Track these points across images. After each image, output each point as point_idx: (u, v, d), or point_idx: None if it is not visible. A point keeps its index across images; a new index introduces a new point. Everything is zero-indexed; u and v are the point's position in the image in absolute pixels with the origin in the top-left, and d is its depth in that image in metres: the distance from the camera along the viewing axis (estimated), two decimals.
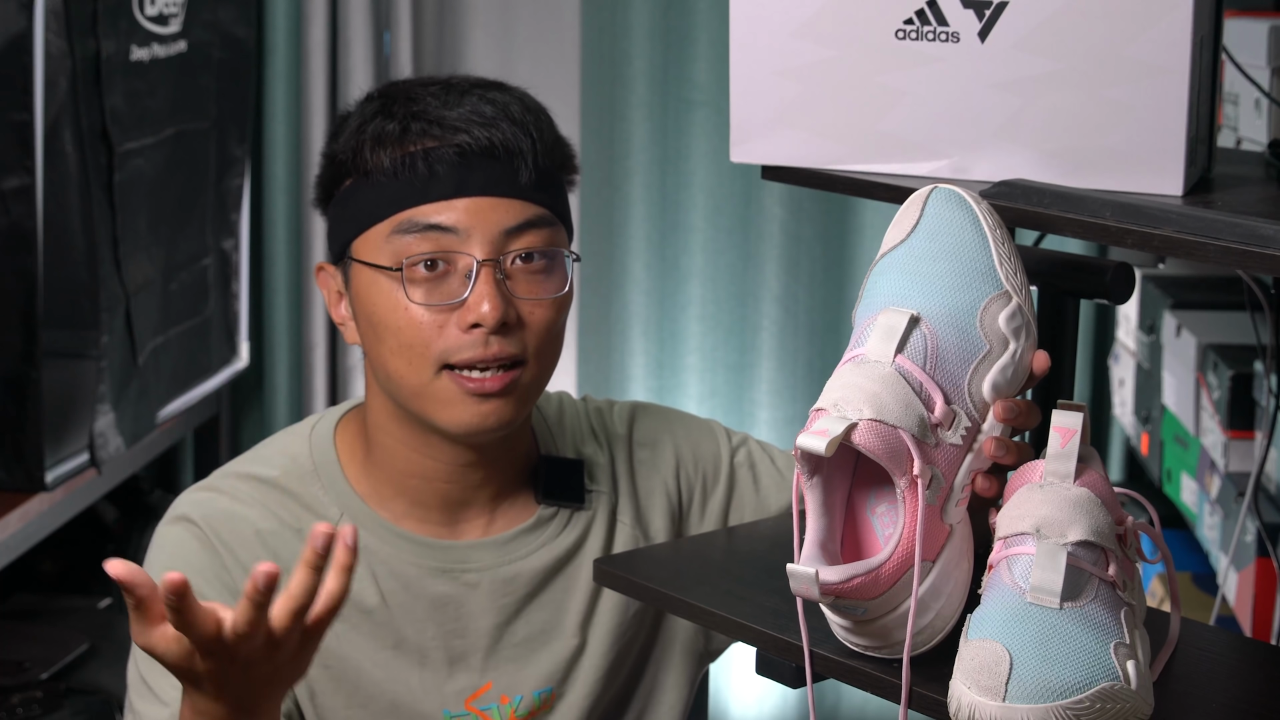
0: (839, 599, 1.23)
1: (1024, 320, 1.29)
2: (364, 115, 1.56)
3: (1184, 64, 1.27)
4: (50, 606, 2.75)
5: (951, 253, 1.29)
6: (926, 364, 1.25)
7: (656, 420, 1.72)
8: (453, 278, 1.51)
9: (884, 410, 1.22)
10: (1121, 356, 2.92)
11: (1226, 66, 1.81)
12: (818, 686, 1.31)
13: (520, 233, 1.53)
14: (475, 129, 1.52)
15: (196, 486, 1.62)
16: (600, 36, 3.22)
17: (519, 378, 1.52)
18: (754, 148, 1.43)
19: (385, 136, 1.53)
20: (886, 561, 1.23)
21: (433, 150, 1.51)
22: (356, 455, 1.61)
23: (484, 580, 1.60)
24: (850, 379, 1.24)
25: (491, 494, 1.61)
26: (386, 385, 1.55)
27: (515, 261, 1.52)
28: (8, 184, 2.25)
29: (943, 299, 1.28)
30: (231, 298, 2.98)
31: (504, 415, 1.53)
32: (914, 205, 1.32)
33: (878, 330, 1.26)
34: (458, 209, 1.51)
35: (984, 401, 1.27)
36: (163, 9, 2.58)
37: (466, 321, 1.50)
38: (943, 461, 1.24)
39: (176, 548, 1.57)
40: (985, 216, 1.30)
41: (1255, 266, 1.18)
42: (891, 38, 1.35)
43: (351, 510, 1.59)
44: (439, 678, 1.60)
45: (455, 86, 1.56)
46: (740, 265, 3.26)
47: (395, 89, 1.57)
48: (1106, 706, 1.13)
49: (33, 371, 2.29)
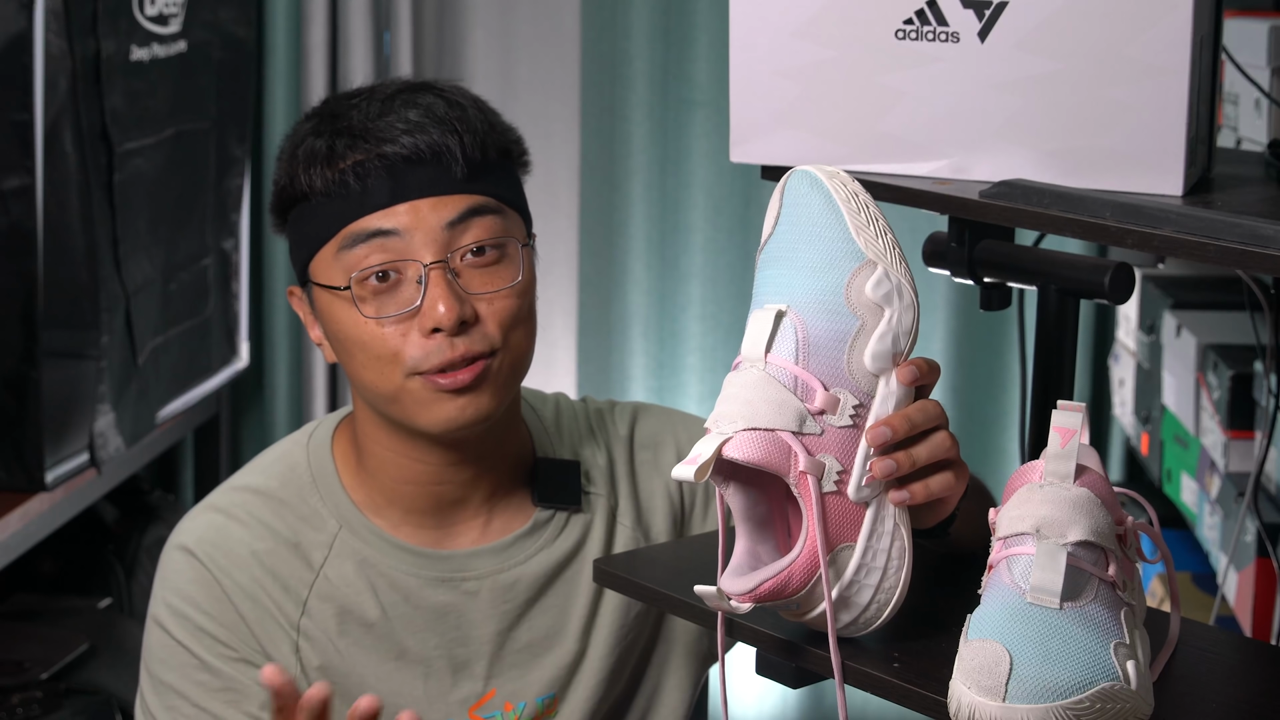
0: (762, 602, 1.26)
1: (893, 284, 1.28)
2: (297, 138, 1.55)
3: (1184, 64, 1.27)
4: (50, 606, 2.75)
5: (810, 236, 1.30)
6: (799, 355, 1.26)
7: (659, 421, 1.72)
8: (405, 285, 1.50)
9: (756, 417, 1.24)
10: (1121, 356, 2.92)
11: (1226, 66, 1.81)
12: (817, 687, 1.31)
13: (463, 224, 1.51)
14: (401, 137, 1.50)
15: (200, 506, 1.63)
16: (600, 36, 3.22)
17: (490, 366, 1.51)
18: (754, 148, 1.43)
19: (315, 156, 1.52)
20: (796, 560, 1.25)
21: (361, 164, 1.50)
22: (351, 464, 1.61)
23: (484, 588, 1.60)
24: (728, 390, 1.27)
25: (485, 495, 1.61)
26: (365, 395, 1.55)
27: (464, 258, 1.52)
28: (8, 184, 2.25)
29: (808, 284, 1.29)
30: (231, 298, 2.98)
31: (481, 407, 1.52)
32: (775, 195, 1.33)
33: (749, 332, 1.28)
34: (396, 214, 1.50)
35: (869, 374, 1.27)
36: (163, 9, 2.58)
37: (425, 327, 1.49)
38: (835, 446, 1.26)
39: (177, 578, 1.60)
40: (837, 190, 1.30)
41: (1255, 266, 1.18)
42: (891, 38, 1.35)
43: (349, 521, 1.59)
44: (443, 687, 1.59)
45: (380, 95, 1.54)
46: (740, 265, 3.26)
47: (327, 106, 1.57)
48: (1106, 706, 1.13)
49: (33, 371, 2.29)
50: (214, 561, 1.58)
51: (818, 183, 1.30)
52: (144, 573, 2.86)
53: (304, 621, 1.57)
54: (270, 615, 1.57)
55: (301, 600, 1.57)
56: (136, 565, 2.86)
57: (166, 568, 1.60)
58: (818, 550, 1.25)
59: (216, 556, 1.58)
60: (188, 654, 1.56)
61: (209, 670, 1.56)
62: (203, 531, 1.60)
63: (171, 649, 1.57)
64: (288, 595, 1.57)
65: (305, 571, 1.58)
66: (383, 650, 1.58)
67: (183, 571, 1.59)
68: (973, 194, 1.33)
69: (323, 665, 1.57)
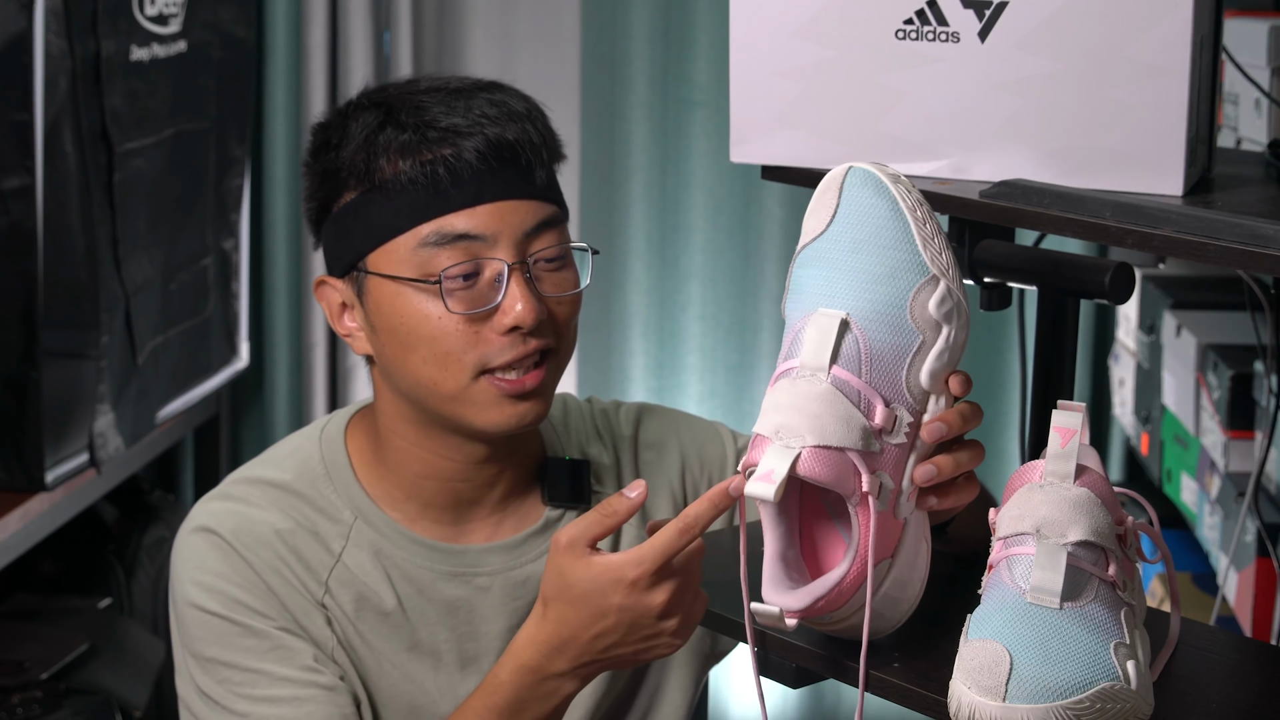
0: (808, 618, 1.25)
1: (955, 301, 1.27)
2: (367, 126, 1.53)
3: (1184, 64, 1.27)
4: (50, 606, 2.75)
5: (873, 242, 1.27)
6: (862, 370, 1.24)
7: (662, 422, 1.72)
8: (482, 283, 1.52)
9: (826, 434, 1.21)
10: (1121, 356, 2.92)
11: (1226, 66, 1.81)
12: (817, 687, 1.31)
13: (538, 234, 1.53)
14: (488, 129, 1.51)
15: (210, 496, 1.61)
16: (600, 36, 3.22)
17: (549, 370, 1.54)
18: (754, 148, 1.43)
19: (400, 146, 1.51)
20: (845, 576, 1.24)
21: (449, 157, 1.51)
22: (366, 457, 1.62)
23: (495, 584, 1.61)
24: (788, 399, 1.23)
25: (501, 494, 1.62)
26: (414, 391, 1.55)
27: (540, 262, 1.53)
28: (8, 184, 2.25)
29: (870, 294, 1.26)
30: (231, 298, 2.98)
31: (539, 411, 1.55)
32: (830, 190, 1.29)
33: (809, 339, 1.25)
34: (481, 215, 1.51)
35: (923, 392, 1.26)
36: (163, 9, 2.58)
37: (504, 325, 1.51)
38: (889, 464, 1.24)
39: (202, 558, 1.57)
40: (904, 197, 1.27)
41: (1255, 266, 1.18)
42: (891, 38, 1.35)
43: (364, 513, 1.60)
44: (452, 680, 1.60)
45: (456, 90, 1.55)
46: (740, 265, 3.26)
47: (392, 98, 1.55)
48: (1106, 706, 1.13)
49: (33, 371, 2.29)
50: (237, 539, 1.56)
51: (883, 187, 1.27)
52: (144, 573, 2.86)
53: (326, 599, 1.57)
54: (297, 591, 1.56)
55: (323, 581, 1.57)
56: (136, 565, 2.86)
57: (186, 551, 1.58)
58: (867, 567, 1.23)
59: (240, 534, 1.56)
60: (228, 624, 1.54)
61: (254, 634, 1.54)
62: (221, 515, 1.58)
63: (210, 624, 1.54)
64: (310, 574, 1.57)
65: (326, 556, 1.58)
66: (398, 639, 1.59)
67: (206, 551, 1.56)
68: (973, 194, 1.33)
69: (344, 643, 1.57)
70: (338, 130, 1.55)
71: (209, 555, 1.56)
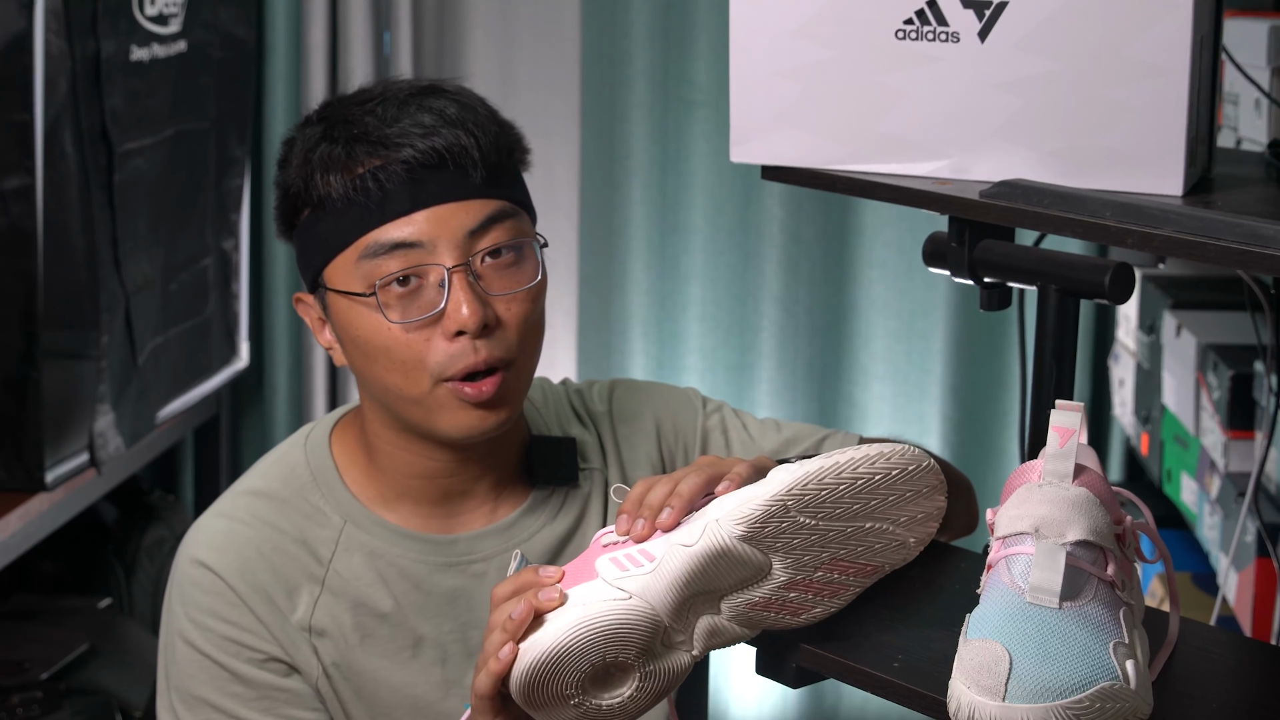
0: None
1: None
2: (307, 142, 1.55)
3: (1184, 64, 1.27)
4: (50, 606, 2.75)
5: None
6: None
7: (634, 394, 1.74)
8: (427, 289, 1.51)
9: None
10: (1121, 356, 2.92)
11: (1226, 66, 1.81)
12: (817, 687, 1.31)
13: (484, 231, 1.52)
14: (417, 141, 1.51)
15: (207, 514, 1.64)
16: (600, 36, 3.22)
17: (507, 379, 1.53)
18: (754, 148, 1.43)
19: (331, 162, 1.52)
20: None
21: (380, 169, 1.51)
22: (357, 460, 1.62)
23: (491, 569, 1.62)
24: None
25: (492, 483, 1.63)
26: (384, 399, 1.56)
27: (484, 260, 1.53)
28: (8, 184, 2.25)
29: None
30: (231, 298, 2.98)
31: (501, 417, 1.55)
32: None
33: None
34: (417, 222, 1.51)
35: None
36: (163, 9, 2.58)
37: (449, 330, 1.51)
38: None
39: (199, 597, 1.58)
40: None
41: (1255, 266, 1.18)
42: (891, 38, 1.35)
43: (352, 515, 1.60)
44: (459, 671, 1.61)
45: (391, 99, 1.54)
46: (740, 265, 3.26)
47: (333, 110, 1.56)
48: (1106, 706, 1.13)
49: (33, 371, 2.29)
50: (224, 568, 1.58)
51: None
52: (144, 573, 2.86)
53: (316, 619, 1.58)
54: (284, 616, 1.57)
55: (314, 597, 1.58)
56: (136, 565, 2.86)
57: (183, 583, 1.60)
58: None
59: (225, 563, 1.58)
60: (218, 667, 1.57)
61: (241, 681, 1.56)
62: (210, 538, 1.60)
63: (201, 664, 1.57)
64: (298, 594, 1.58)
65: (315, 567, 1.59)
66: (399, 641, 1.59)
67: (198, 584, 1.59)
68: (973, 194, 1.33)
69: (339, 662, 1.58)
70: (287, 147, 1.58)
71: (200, 589, 1.59)
